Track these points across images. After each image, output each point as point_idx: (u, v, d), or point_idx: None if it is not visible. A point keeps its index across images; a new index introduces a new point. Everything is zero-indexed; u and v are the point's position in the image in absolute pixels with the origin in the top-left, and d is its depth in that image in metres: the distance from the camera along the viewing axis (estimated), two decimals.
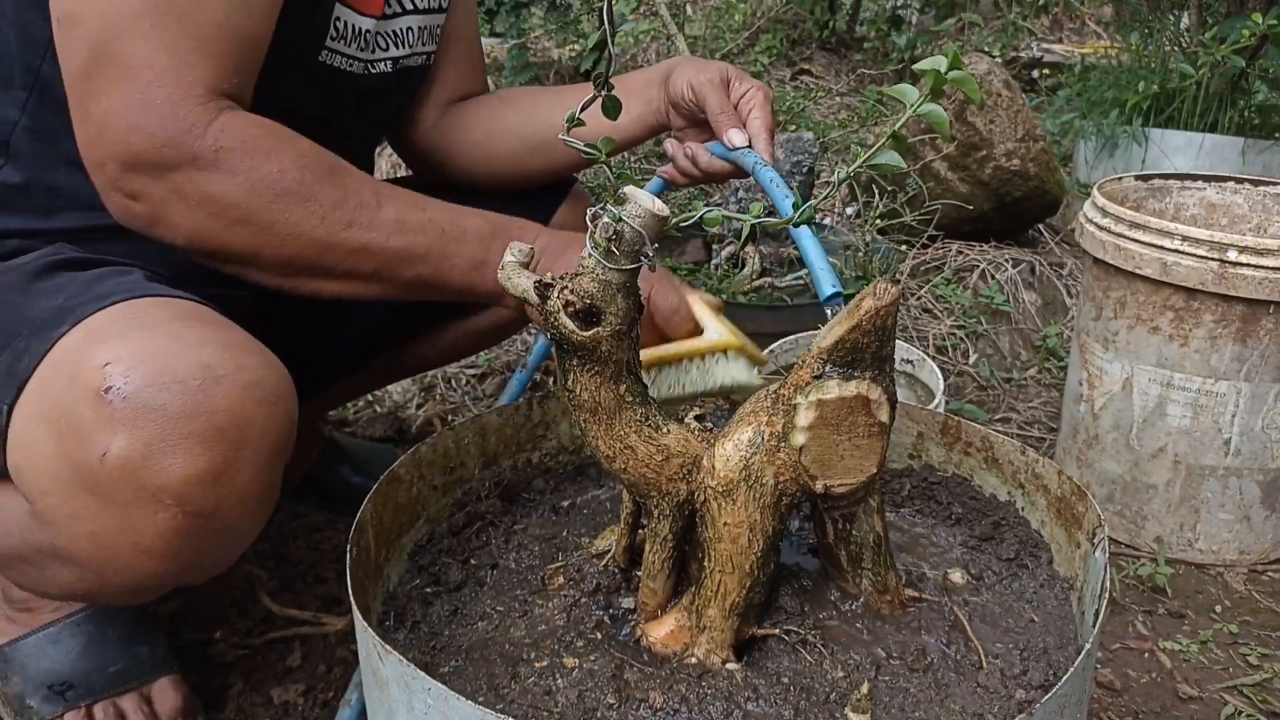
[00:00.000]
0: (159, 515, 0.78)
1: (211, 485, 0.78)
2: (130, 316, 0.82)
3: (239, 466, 0.79)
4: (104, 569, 0.83)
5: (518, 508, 1.01)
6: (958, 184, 2.42)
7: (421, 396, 1.94)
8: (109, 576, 0.84)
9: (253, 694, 1.18)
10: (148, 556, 0.80)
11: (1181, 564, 1.52)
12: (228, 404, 0.78)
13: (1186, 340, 1.43)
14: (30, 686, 1.05)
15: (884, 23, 4.31)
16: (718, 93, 1.13)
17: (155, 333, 0.80)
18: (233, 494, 0.80)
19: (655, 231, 0.68)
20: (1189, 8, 3.02)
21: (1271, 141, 2.70)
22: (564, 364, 0.74)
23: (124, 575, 0.83)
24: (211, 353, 0.79)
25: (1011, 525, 0.95)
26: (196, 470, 0.77)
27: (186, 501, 0.78)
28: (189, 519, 0.79)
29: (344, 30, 1.03)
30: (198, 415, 0.77)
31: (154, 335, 0.79)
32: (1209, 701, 1.23)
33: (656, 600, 0.80)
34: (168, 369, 0.77)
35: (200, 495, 0.78)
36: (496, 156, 1.27)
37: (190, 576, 0.89)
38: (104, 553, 0.81)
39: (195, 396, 0.77)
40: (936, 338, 2.18)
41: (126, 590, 0.89)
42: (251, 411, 0.79)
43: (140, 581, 0.85)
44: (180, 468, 0.76)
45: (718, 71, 1.14)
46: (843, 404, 0.72)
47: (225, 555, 0.89)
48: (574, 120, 0.69)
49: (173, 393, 0.76)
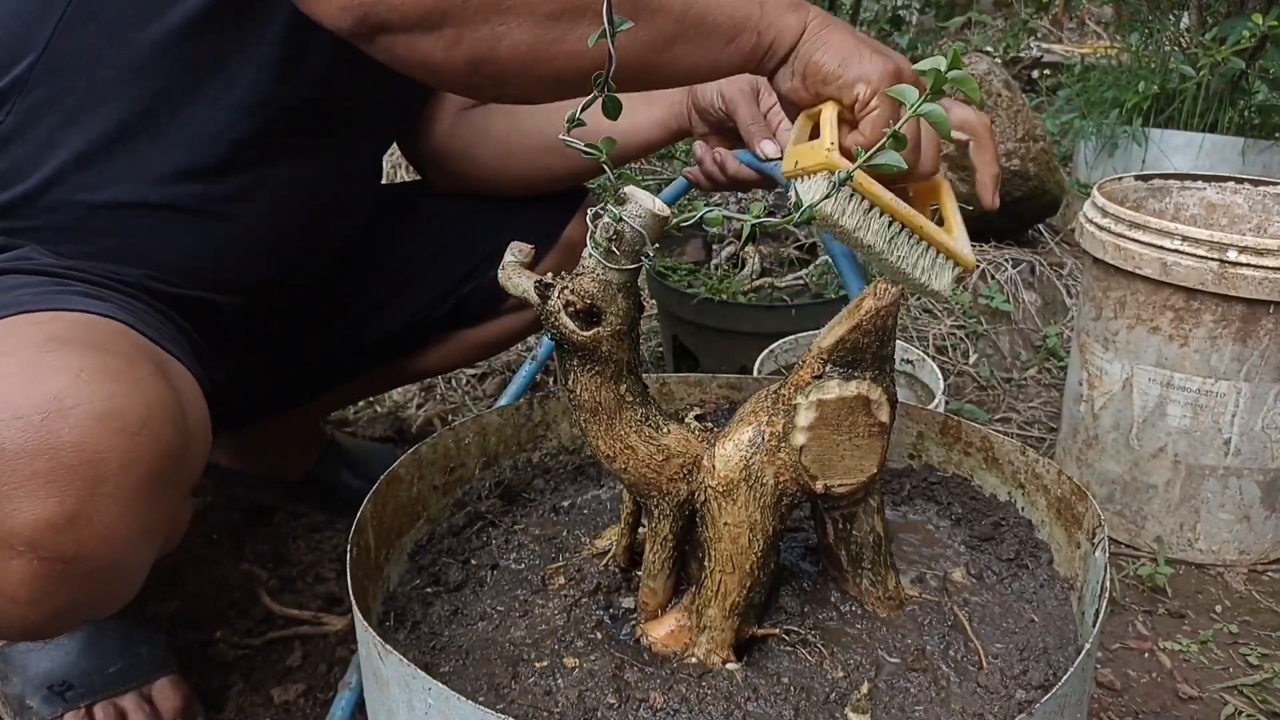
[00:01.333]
0: (14, 562, 0.72)
1: (66, 529, 0.72)
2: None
3: (98, 505, 0.72)
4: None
5: (518, 508, 1.01)
6: (958, 184, 2.41)
7: (421, 396, 1.94)
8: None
9: (253, 694, 1.18)
10: (14, 603, 0.75)
11: (1181, 564, 1.52)
12: (75, 438, 0.71)
13: (1186, 340, 1.43)
14: (30, 687, 1.05)
15: (885, 23, 4.31)
16: (749, 102, 1.12)
17: (8, 360, 0.74)
18: (94, 536, 0.73)
19: (656, 231, 0.68)
20: (1189, 8, 3.02)
21: (1271, 141, 2.70)
22: (564, 364, 0.74)
23: (2, 620, 0.78)
24: (61, 382, 0.72)
25: (1011, 525, 0.95)
26: (46, 514, 0.71)
27: (39, 547, 0.72)
28: (48, 564, 0.73)
29: None
30: (41, 453, 0.70)
31: (5, 363, 0.74)
32: (1209, 701, 1.23)
33: (657, 600, 0.80)
34: (9, 404, 0.71)
35: (55, 540, 0.72)
36: (516, 155, 1.25)
37: (79, 616, 0.84)
38: None
39: (37, 433, 0.70)
40: (936, 338, 2.18)
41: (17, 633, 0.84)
42: (107, 444, 0.72)
43: (20, 626, 0.80)
44: (27, 512, 0.70)
45: (748, 81, 1.13)
46: (843, 404, 0.72)
47: (108, 595, 0.83)
48: (574, 120, 0.69)
49: (13, 430, 0.70)
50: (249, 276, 1.06)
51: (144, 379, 0.78)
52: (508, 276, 0.74)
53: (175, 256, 1.00)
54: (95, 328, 0.82)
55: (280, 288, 1.12)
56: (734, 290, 1.86)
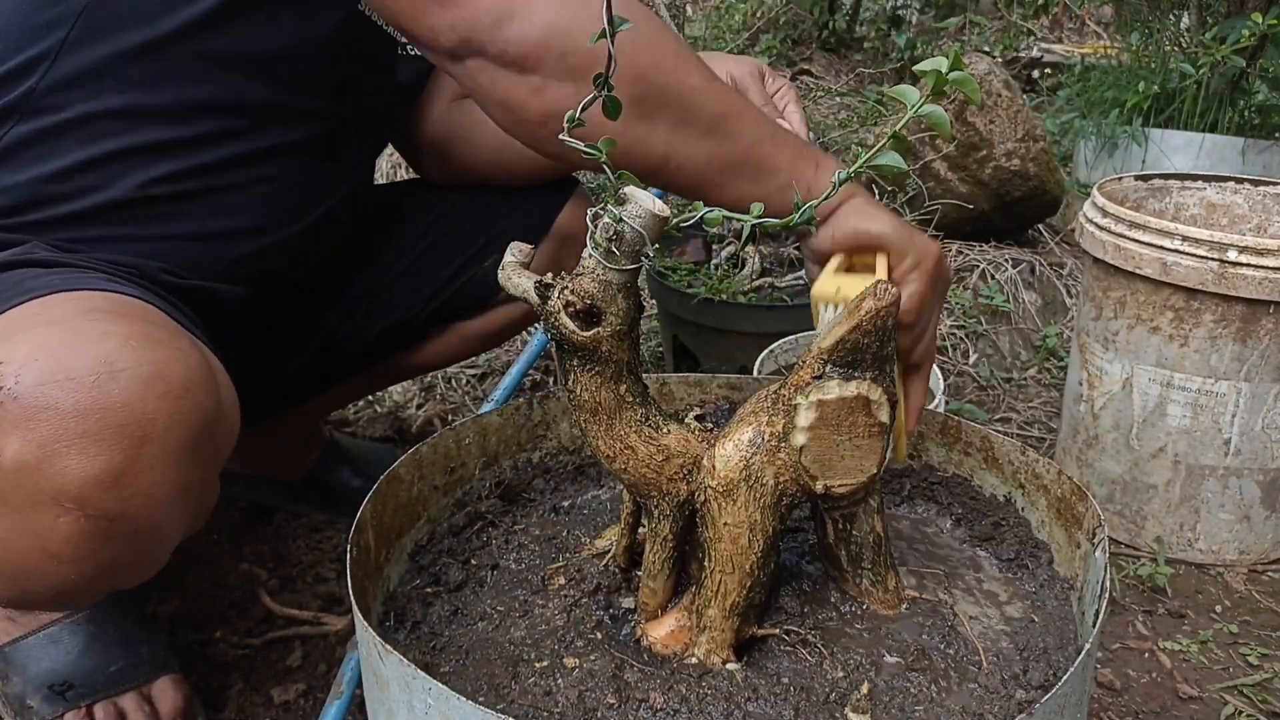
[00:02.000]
0: (61, 519, 0.75)
1: (113, 486, 0.75)
2: (38, 313, 0.80)
3: (143, 465, 0.76)
4: (18, 576, 0.81)
5: (518, 508, 1.01)
6: (958, 184, 2.42)
7: (421, 396, 1.94)
8: (25, 584, 0.82)
9: (253, 694, 1.18)
10: (57, 561, 0.78)
11: (1181, 564, 1.52)
12: (125, 399, 0.75)
13: (1186, 340, 1.43)
14: (30, 687, 1.05)
15: (884, 23, 4.31)
16: (759, 85, 1.13)
17: (56, 328, 0.77)
18: (139, 494, 0.76)
19: (656, 232, 0.68)
20: (1189, 8, 3.02)
21: (1271, 141, 2.70)
22: (564, 364, 0.74)
23: (40, 582, 0.81)
24: (110, 346, 0.76)
25: (1011, 525, 0.95)
26: (94, 471, 0.74)
27: (88, 504, 0.75)
28: (93, 522, 0.76)
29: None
30: (92, 412, 0.73)
31: (54, 331, 0.77)
32: (1209, 701, 1.23)
33: (657, 600, 0.80)
34: (61, 366, 0.74)
35: (102, 497, 0.75)
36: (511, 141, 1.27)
37: (115, 580, 0.86)
38: (15, 559, 0.79)
39: (89, 393, 0.73)
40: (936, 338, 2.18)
41: (48, 597, 0.86)
42: (154, 406, 0.76)
43: (58, 587, 0.82)
44: (77, 469, 0.73)
45: (754, 65, 1.14)
46: (843, 404, 0.72)
47: (146, 557, 0.85)
48: (574, 120, 0.69)
49: (65, 390, 0.73)
50: (250, 267, 1.07)
51: (185, 348, 0.81)
52: (507, 277, 0.74)
53: (177, 248, 1.01)
54: (129, 304, 0.85)
55: (280, 279, 1.13)
56: (734, 290, 1.85)
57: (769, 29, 4.15)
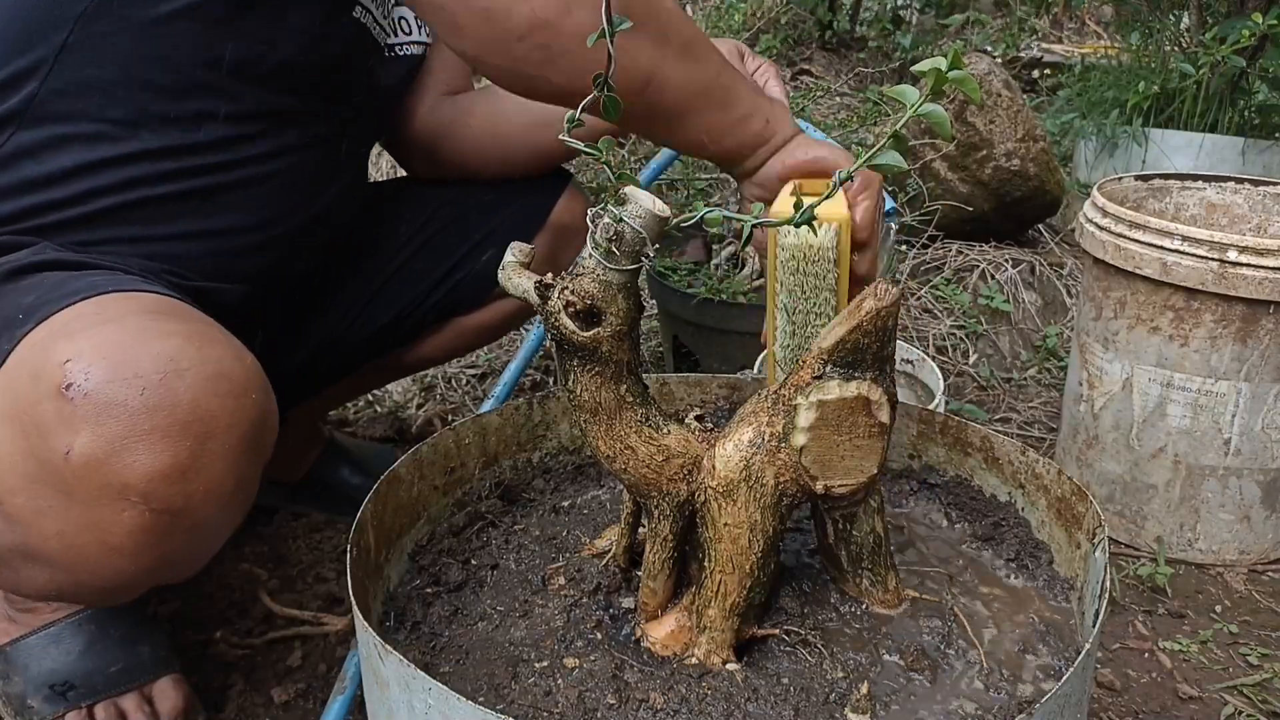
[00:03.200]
0: (126, 513, 0.77)
1: (178, 481, 0.77)
2: (95, 312, 0.81)
3: (206, 461, 0.78)
4: (74, 568, 0.82)
5: (518, 508, 1.01)
6: (958, 184, 2.42)
7: (421, 396, 1.94)
8: (80, 576, 0.83)
9: (253, 694, 1.18)
10: (117, 554, 0.80)
11: (1181, 564, 1.52)
12: (191, 397, 0.77)
13: (1186, 340, 1.43)
14: (31, 686, 1.05)
15: (885, 22, 4.31)
16: (739, 64, 1.13)
17: (118, 327, 0.79)
18: (201, 489, 0.79)
19: (656, 232, 0.68)
20: (1189, 8, 3.02)
21: (1271, 141, 2.70)
22: (564, 364, 0.74)
23: (95, 574, 0.82)
24: (175, 345, 0.78)
25: (1011, 525, 0.95)
26: (161, 466, 0.76)
27: (153, 498, 0.77)
28: (157, 516, 0.78)
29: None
30: (160, 410, 0.75)
31: (116, 329, 0.78)
32: (1209, 701, 1.23)
33: (657, 600, 0.80)
34: (129, 363, 0.76)
35: (167, 491, 0.77)
36: (503, 133, 1.27)
37: (164, 575, 0.88)
38: (73, 552, 0.80)
39: (157, 391, 0.75)
40: (936, 338, 2.18)
41: (100, 589, 0.88)
42: (217, 404, 0.78)
43: (112, 580, 0.84)
44: (144, 464, 0.75)
45: (733, 45, 1.14)
46: (843, 404, 0.72)
47: (198, 552, 0.87)
48: (574, 121, 0.69)
49: (134, 388, 0.75)
50: (248, 265, 1.07)
51: (240, 348, 0.84)
52: (508, 277, 0.74)
53: (177, 248, 1.02)
54: (178, 305, 0.86)
55: (278, 276, 1.13)
56: (734, 290, 1.85)
57: (769, 29, 4.15)
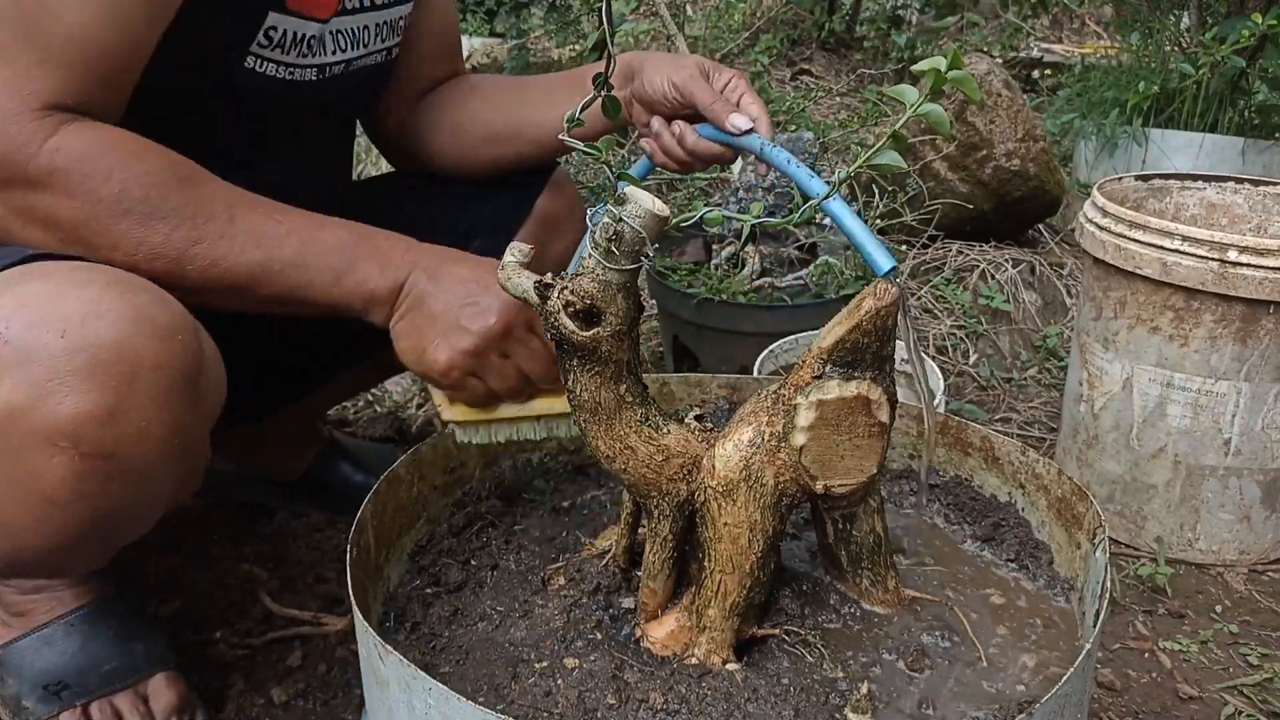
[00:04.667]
0: (55, 458, 0.77)
1: (106, 423, 0.77)
2: (23, 273, 0.82)
3: (133, 403, 0.78)
4: (11, 526, 0.82)
5: (518, 508, 1.01)
6: (958, 184, 2.42)
7: (421, 396, 1.94)
8: (20, 537, 0.83)
9: (253, 694, 1.18)
10: (52, 505, 0.80)
11: (1181, 564, 1.52)
12: (114, 337, 0.77)
13: (1186, 340, 1.43)
14: (26, 688, 1.05)
15: (884, 22, 4.31)
16: (703, 85, 1.10)
17: (43, 281, 0.79)
18: (131, 432, 0.78)
19: (655, 232, 0.68)
20: (1189, 8, 3.02)
21: (1271, 141, 2.70)
22: (564, 364, 0.74)
23: (35, 532, 0.82)
24: (95, 292, 0.78)
25: (1011, 525, 0.95)
26: (87, 407, 0.76)
27: (81, 441, 0.77)
28: (87, 460, 0.78)
29: (280, 39, 1.01)
30: (82, 350, 0.76)
31: (41, 283, 0.79)
32: (1209, 701, 1.23)
33: (657, 600, 0.80)
34: (50, 310, 0.76)
35: (95, 434, 0.77)
36: (468, 145, 1.28)
37: (107, 531, 0.87)
38: (9, 507, 0.81)
39: (79, 332, 0.76)
40: (936, 338, 2.18)
41: (41, 550, 0.87)
42: (141, 344, 0.78)
43: (52, 538, 0.84)
44: (70, 405, 0.76)
45: (695, 64, 1.11)
46: (843, 404, 0.72)
47: (138, 505, 0.87)
48: (574, 121, 0.69)
49: (54, 331, 0.75)
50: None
51: (166, 297, 0.84)
52: (507, 276, 0.74)
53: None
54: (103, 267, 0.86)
55: None
56: (734, 290, 1.85)
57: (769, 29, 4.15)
